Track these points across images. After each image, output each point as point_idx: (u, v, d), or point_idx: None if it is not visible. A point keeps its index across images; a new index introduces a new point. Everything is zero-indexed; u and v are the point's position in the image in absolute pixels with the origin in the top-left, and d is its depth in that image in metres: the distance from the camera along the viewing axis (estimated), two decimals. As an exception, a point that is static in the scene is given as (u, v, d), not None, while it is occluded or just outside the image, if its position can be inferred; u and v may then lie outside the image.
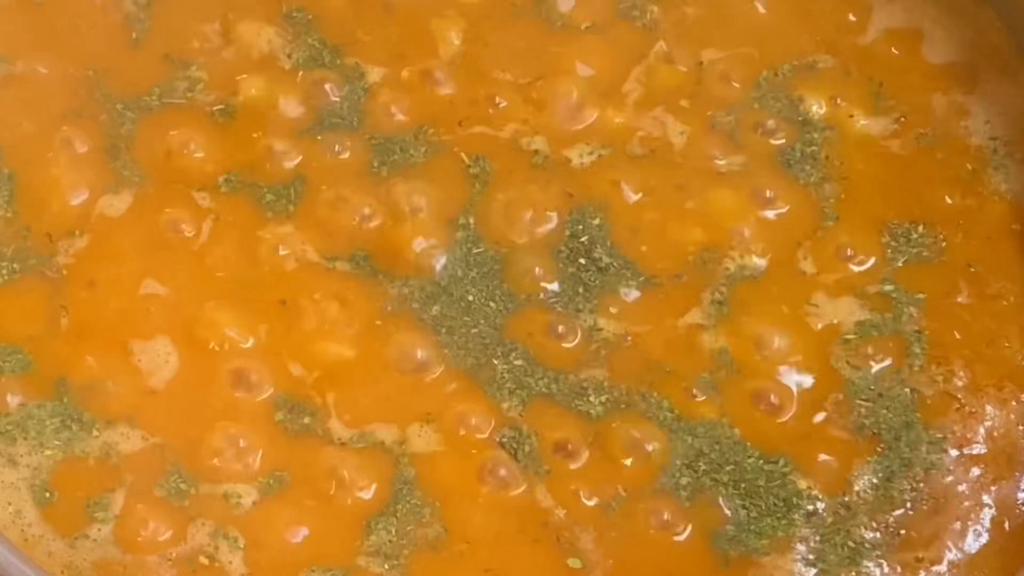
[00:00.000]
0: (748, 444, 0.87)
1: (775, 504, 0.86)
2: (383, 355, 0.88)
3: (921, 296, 0.91)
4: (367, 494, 0.85)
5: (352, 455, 0.86)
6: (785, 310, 0.91)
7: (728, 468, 0.86)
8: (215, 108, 0.93)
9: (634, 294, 0.90)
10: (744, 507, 0.86)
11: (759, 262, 0.92)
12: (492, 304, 0.89)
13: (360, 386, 0.87)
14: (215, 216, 0.91)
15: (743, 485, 0.86)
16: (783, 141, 0.95)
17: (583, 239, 0.91)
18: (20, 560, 0.79)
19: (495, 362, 0.88)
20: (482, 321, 0.89)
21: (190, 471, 0.85)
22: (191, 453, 0.85)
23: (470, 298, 0.90)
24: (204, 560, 0.83)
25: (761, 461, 0.87)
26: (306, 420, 0.86)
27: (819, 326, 0.91)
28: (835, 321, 0.91)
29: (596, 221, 0.91)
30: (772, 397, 0.88)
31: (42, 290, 0.88)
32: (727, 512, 0.86)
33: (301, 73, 0.94)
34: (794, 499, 0.86)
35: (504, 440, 0.86)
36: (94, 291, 0.88)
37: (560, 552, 0.84)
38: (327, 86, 0.94)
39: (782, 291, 0.91)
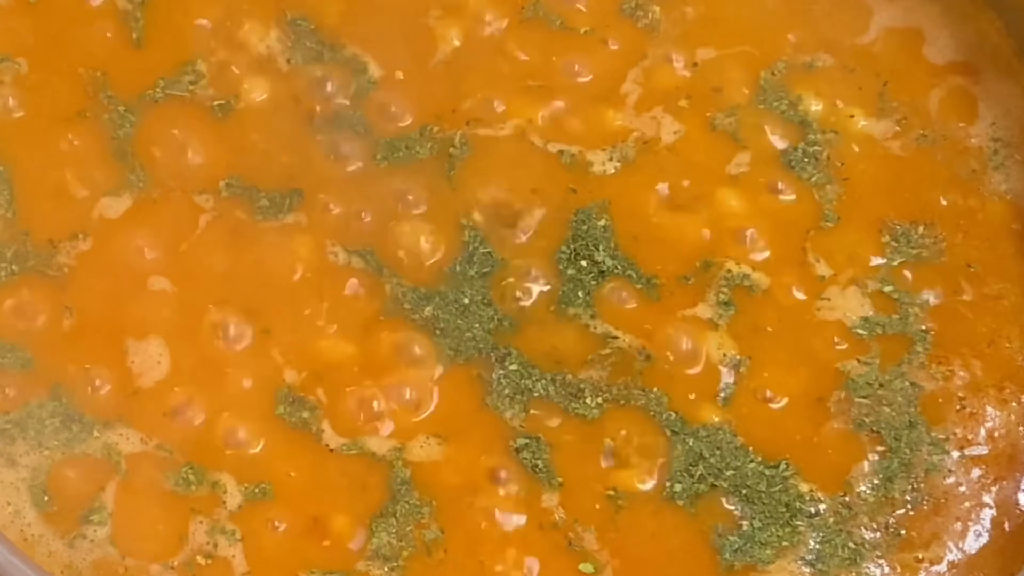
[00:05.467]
0: (750, 449, 0.87)
1: (779, 511, 0.86)
2: (382, 354, 0.88)
3: (924, 295, 0.91)
4: (366, 495, 0.85)
5: (350, 456, 0.86)
6: (789, 310, 0.91)
7: (728, 473, 0.86)
8: (215, 103, 0.93)
9: (636, 296, 0.90)
10: (747, 516, 0.86)
11: (763, 263, 0.92)
12: (490, 307, 0.89)
13: (359, 386, 0.88)
14: (216, 215, 0.91)
15: (744, 491, 0.86)
16: (785, 142, 0.95)
17: (586, 241, 0.91)
18: (20, 560, 0.79)
19: (492, 365, 0.88)
20: (476, 325, 0.89)
21: (189, 471, 0.85)
22: (190, 453, 0.85)
23: (466, 300, 0.90)
24: (201, 560, 0.83)
25: (762, 466, 0.87)
26: (305, 415, 0.87)
27: (823, 326, 0.90)
28: (840, 321, 0.91)
29: (602, 222, 0.91)
30: (775, 398, 0.88)
31: (43, 289, 0.88)
32: (729, 519, 0.86)
33: (302, 75, 0.94)
34: (796, 504, 0.86)
35: (517, 447, 0.86)
36: (93, 291, 0.88)
37: (571, 557, 0.85)
38: (328, 87, 0.94)
39: (786, 292, 0.91)
